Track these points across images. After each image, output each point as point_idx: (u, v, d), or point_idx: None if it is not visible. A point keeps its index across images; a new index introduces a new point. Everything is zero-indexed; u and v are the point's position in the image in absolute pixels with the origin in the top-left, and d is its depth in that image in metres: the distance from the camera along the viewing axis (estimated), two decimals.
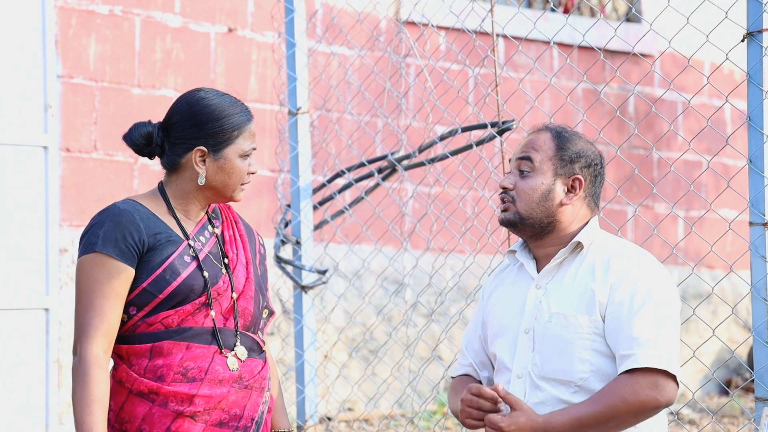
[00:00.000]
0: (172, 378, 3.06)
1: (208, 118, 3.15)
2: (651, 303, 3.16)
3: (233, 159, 3.15)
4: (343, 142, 6.78)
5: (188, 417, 3.06)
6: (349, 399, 6.91)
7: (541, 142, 3.31)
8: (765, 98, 3.72)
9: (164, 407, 3.05)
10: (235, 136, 3.15)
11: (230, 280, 3.15)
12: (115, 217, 3.08)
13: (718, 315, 8.24)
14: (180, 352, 3.07)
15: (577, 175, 3.31)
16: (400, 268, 6.70)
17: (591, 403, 3.15)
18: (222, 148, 3.14)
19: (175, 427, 3.05)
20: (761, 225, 3.72)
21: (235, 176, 3.16)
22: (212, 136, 3.14)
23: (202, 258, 3.12)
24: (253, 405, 3.15)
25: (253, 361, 3.16)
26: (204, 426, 3.07)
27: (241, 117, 3.18)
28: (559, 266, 3.30)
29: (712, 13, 4.27)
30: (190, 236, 3.15)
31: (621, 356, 3.16)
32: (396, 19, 6.96)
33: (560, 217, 3.30)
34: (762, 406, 3.69)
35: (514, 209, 3.29)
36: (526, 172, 3.30)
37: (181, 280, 3.07)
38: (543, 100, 7.76)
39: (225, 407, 3.09)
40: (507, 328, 3.32)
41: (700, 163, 8.33)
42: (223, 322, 3.13)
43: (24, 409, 4.99)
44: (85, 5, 6.30)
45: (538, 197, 3.28)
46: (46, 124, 5.09)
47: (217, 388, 3.08)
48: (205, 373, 3.07)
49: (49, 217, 5.06)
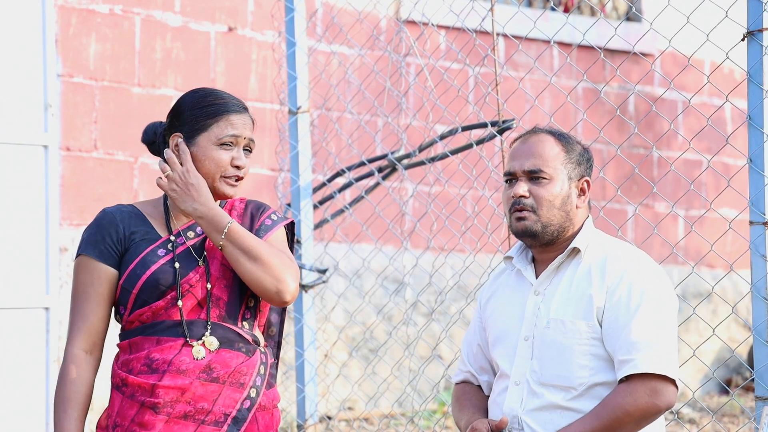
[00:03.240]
0: (138, 370, 3.07)
1: (186, 107, 3.16)
2: (647, 306, 3.16)
3: (206, 146, 3.12)
4: (343, 142, 6.78)
5: (150, 408, 3.04)
6: (349, 398, 6.91)
7: (548, 148, 3.28)
8: (765, 97, 3.72)
9: (131, 399, 3.07)
10: (209, 124, 3.12)
11: (206, 271, 3.12)
12: (98, 221, 3.16)
13: (719, 314, 8.24)
14: (150, 345, 3.08)
15: (586, 177, 3.31)
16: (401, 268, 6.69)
17: (592, 418, 3.15)
18: (195, 135, 3.13)
19: (138, 418, 3.05)
20: (761, 224, 3.71)
21: (209, 164, 3.12)
22: (187, 123, 3.14)
23: (179, 251, 3.12)
24: (228, 400, 3.07)
25: (228, 353, 3.10)
26: (167, 418, 3.04)
27: (220, 107, 3.14)
28: (556, 271, 3.29)
29: (713, 12, 4.27)
30: (176, 231, 3.15)
31: (619, 361, 3.15)
32: (396, 18, 6.96)
33: (575, 221, 3.29)
34: (762, 406, 3.69)
35: (535, 218, 3.25)
36: (542, 179, 3.26)
37: (150, 273, 3.09)
38: (543, 99, 7.76)
39: (190, 400, 3.05)
40: (507, 335, 3.32)
41: (700, 163, 8.33)
42: (198, 314, 3.10)
43: (24, 409, 4.99)
44: (85, 4, 6.30)
45: (560, 203, 3.26)
46: (46, 123, 5.09)
47: (179, 379, 3.05)
48: (168, 364, 3.06)
49: (49, 216, 5.06)
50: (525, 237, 3.28)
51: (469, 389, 3.44)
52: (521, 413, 3.23)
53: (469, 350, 3.46)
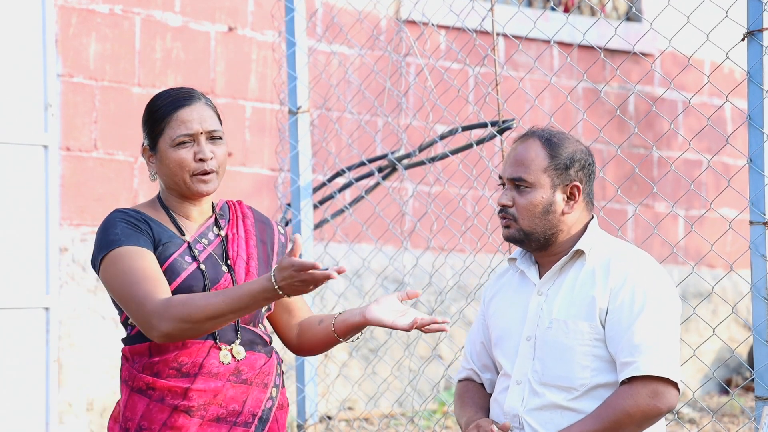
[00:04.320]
0: (167, 374, 3.05)
1: (145, 116, 3.16)
2: (650, 308, 3.16)
3: (165, 150, 3.10)
4: (343, 141, 6.78)
5: (183, 412, 3.04)
6: (349, 398, 6.91)
7: (532, 155, 3.26)
8: (765, 97, 3.72)
9: (161, 402, 3.05)
10: (162, 128, 3.11)
11: (232, 278, 3.13)
12: (126, 217, 3.09)
13: (719, 314, 8.24)
14: (175, 348, 3.06)
15: (574, 182, 3.28)
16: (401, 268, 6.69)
17: (593, 419, 3.15)
18: (155, 142, 3.13)
19: (171, 422, 3.04)
20: (761, 224, 3.71)
21: (174, 166, 3.10)
22: (149, 133, 3.14)
23: (204, 258, 3.12)
24: (255, 401, 3.11)
25: (254, 355, 3.13)
26: (200, 421, 3.05)
27: (167, 107, 3.12)
28: (560, 271, 3.30)
29: (713, 12, 4.27)
30: (192, 237, 3.14)
31: (622, 363, 3.16)
32: (396, 18, 6.96)
33: (563, 227, 3.28)
34: (762, 406, 3.69)
35: (516, 226, 3.26)
36: (523, 187, 3.26)
37: (182, 280, 3.07)
38: (543, 99, 7.76)
39: (222, 402, 3.07)
40: (509, 335, 3.32)
41: (700, 162, 8.33)
42: None
43: (24, 408, 4.99)
44: (86, 4, 6.30)
45: (540, 212, 3.25)
46: (46, 123, 5.09)
47: (211, 382, 3.06)
48: (199, 367, 3.06)
49: (50, 216, 5.06)
50: (513, 243, 3.31)
51: (472, 387, 3.45)
52: (522, 412, 3.23)
53: (473, 348, 3.46)
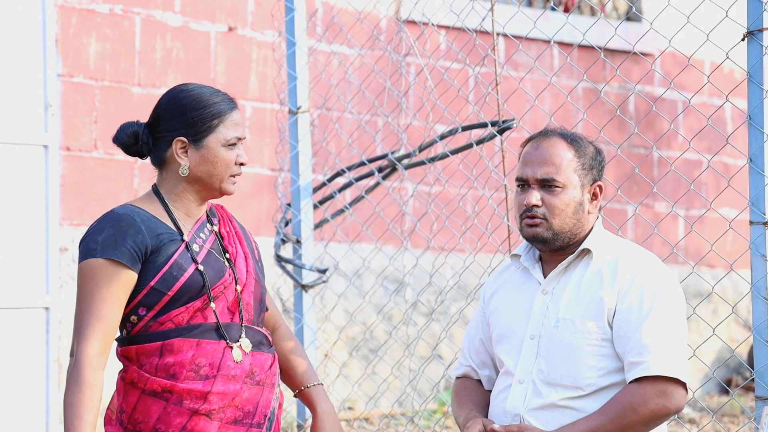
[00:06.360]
0: (185, 376, 3.04)
1: (187, 108, 3.12)
2: (659, 309, 3.16)
3: (216, 148, 3.11)
4: (343, 141, 6.78)
5: (204, 415, 3.04)
6: (349, 398, 6.91)
7: (561, 154, 3.26)
8: (765, 97, 3.72)
9: (179, 405, 3.04)
10: (215, 125, 3.11)
11: (234, 273, 3.14)
12: (114, 222, 3.06)
13: (719, 314, 8.24)
14: (191, 349, 3.06)
15: (597, 182, 3.31)
16: (401, 267, 6.69)
17: (601, 415, 3.15)
18: (203, 137, 3.11)
19: (191, 425, 3.04)
20: (761, 224, 3.71)
21: (220, 166, 3.12)
22: (192, 125, 3.11)
23: (204, 254, 3.12)
24: (266, 401, 3.14)
25: (262, 355, 3.15)
26: (219, 424, 3.06)
27: (222, 105, 3.13)
28: (565, 270, 3.29)
29: (713, 12, 4.27)
30: (190, 234, 3.14)
31: (630, 363, 3.15)
32: (396, 18, 6.96)
33: (587, 227, 3.30)
34: (762, 405, 3.69)
35: (546, 225, 3.24)
36: (554, 188, 3.25)
37: (188, 276, 3.07)
38: (543, 99, 7.76)
39: (239, 404, 3.08)
40: (512, 332, 3.32)
41: (700, 162, 8.33)
42: (230, 317, 3.12)
43: (24, 408, 4.99)
44: (86, 4, 6.30)
45: (572, 211, 3.26)
46: (46, 123, 5.09)
47: (230, 384, 3.07)
48: (217, 369, 3.06)
49: (50, 216, 5.06)
50: (535, 243, 3.28)
51: (469, 384, 3.44)
52: (523, 411, 3.23)
53: (471, 344, 3.46)
